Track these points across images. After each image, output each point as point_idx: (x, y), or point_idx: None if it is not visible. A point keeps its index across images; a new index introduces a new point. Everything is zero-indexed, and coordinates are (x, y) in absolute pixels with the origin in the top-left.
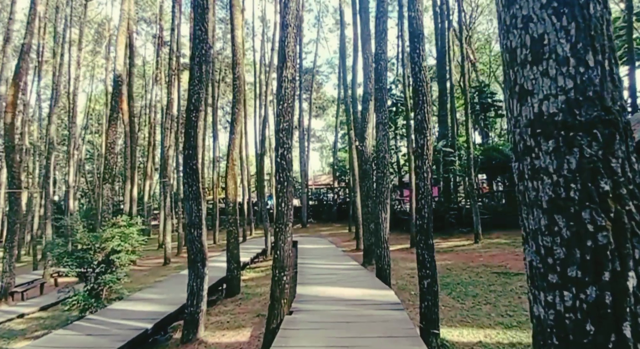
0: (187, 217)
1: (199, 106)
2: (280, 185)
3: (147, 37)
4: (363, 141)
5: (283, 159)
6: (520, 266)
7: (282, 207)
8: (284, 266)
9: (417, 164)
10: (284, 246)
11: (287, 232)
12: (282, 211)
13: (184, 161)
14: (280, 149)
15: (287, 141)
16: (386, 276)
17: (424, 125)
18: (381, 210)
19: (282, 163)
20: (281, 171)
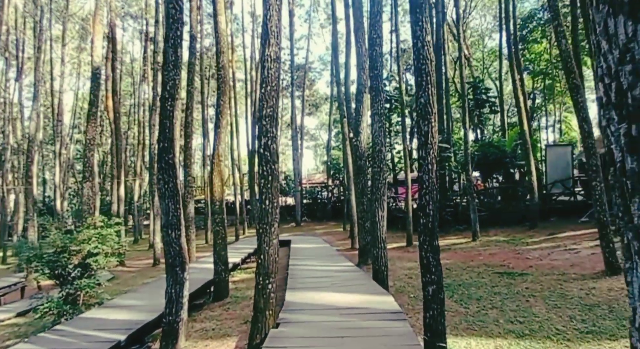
0: (164, 217)
1: (174, 93)
2: (264, 180)
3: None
4: (358, 135)
5: (267, 150)
6: (523, 265)
7: (267, 205)
8: (269, 272)
9: (421, 155)
10: (269, 250)
11: (272, 233)
12: (267, 210)
13: (159, 154)
14: (263, 138)
15: (271, 130)
16: (383, 278)
17: (428, 109)
18: (378, 207)
19: (265, 154)
20: (264, 163)
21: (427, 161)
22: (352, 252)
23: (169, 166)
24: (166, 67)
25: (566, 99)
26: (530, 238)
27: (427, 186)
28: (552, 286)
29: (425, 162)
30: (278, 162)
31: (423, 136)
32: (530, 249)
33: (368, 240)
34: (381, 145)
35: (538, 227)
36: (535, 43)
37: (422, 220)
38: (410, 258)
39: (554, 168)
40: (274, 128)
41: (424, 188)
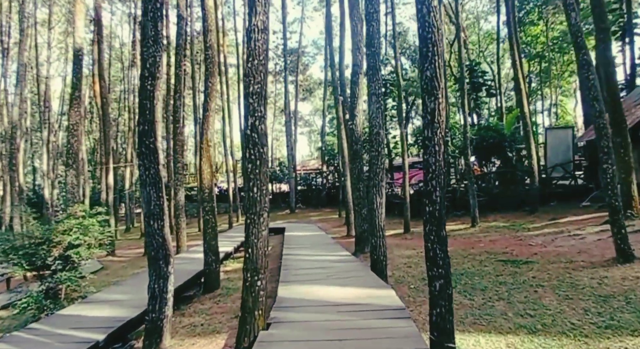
0: (145, 206)
1: (155, 71)
2: (251, 164)
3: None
4: (353, 118)
5: (254, 131)
6: (527, 252)
7: (255, 192)
8: (258, 267)
9: (426, 135)
10: (258, 242)
11: (261, 224)
12: (255, 198)
13: (139, 138)
14: (250, 118)
15: (258, 108)
16: (382, 268)
17: (434, 83)
18: (376, 194)
19: (252, 136)
20: (252, 146)
21: (433, 142)
22: (348, 240)
23: (150, 150)
24: (145, 42)
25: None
26: (531, 224)
27: (433, 170)
28: (561, 274)
29: (431, 144)
30: (267, 145)
31: (429, 114)
32: (532, 235)
33: (365, 228)
34: (379, 127)
35: (538, 212)
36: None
37: (428, 208)
38: (409, 246)
39: (554, 151)
40: (262, 107)
41: (430, 172)
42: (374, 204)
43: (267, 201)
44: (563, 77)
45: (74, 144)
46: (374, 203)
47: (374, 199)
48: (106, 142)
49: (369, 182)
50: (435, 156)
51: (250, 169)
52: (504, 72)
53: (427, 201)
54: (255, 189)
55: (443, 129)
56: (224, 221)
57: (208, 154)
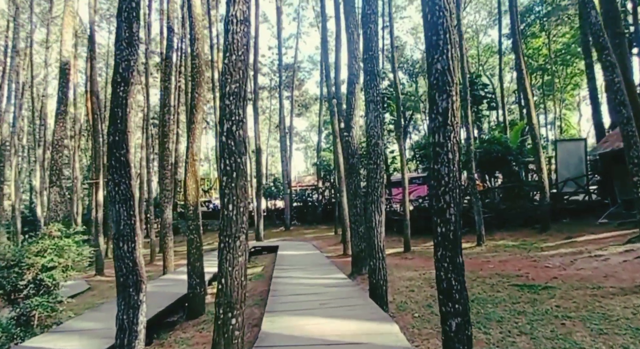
0: (114, 226)
1: (128, 77)
2: (226, 177)
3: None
4: (349, 130)
5: (230, 137)
6: (545, 275)
7: (230, 210)
8: (233, 302)
9: (437, 140)
10: (233, 271)
11: (237, 249)
12: (230, 217)
13: (109, 150)
14: (226, 122)
15: (236, 111)
16: (382, 294)
17: (446, 78)
18: (374, 211)
19: (228, 144)
20: (227, 155)
21: (446, 148)
22: (344, 260)
23: (121, 163)
24: (118, 45)
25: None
26: (543, 242)
27: (446, 182)
28: (588, 303)
29: (443, 150)
30: (246, 154)
31: (440, 114)
32: (546, 255)
33: (362, 247)
34: (377, 137)
35: (550, 230)
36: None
37: (440, 228)
38: (410, 266)
39: (565, 165)
40: (240, 109)
41: (443, 185)
42: (373, 222)
43: (244, 221)
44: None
45: (57, 160)
46: (373, 221)
47: (372, 217)
48: (97, 158)
49: (367, 198)
50: (449, 165)
51: (225, 182)
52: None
53: (438, 220)
54: (230, 206)
55: (458, 132)
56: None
57: (194, 169)
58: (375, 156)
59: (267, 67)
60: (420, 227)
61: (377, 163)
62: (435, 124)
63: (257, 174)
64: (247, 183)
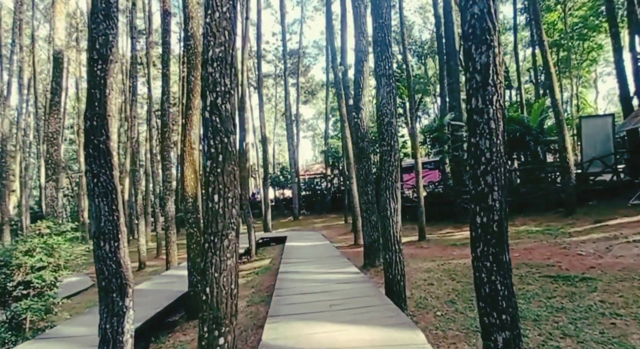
0: (94, 222)
1: (107, 54)
2: (211, 161)
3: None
4: (358, 111)
5: (215, 113)
6: (580, 265)
7: (215, 202)
8: (221, 317)
9: (475, 106)
10: (220, 278)
11: (225, 249)
12: (216, 210)
13: (85, 136)
14: (209, 94)
15: (221, 80)
16: (400, 291)
17: (485, 24)
18: (389, 198)
19: (212, 120)
20: (212, 134)
21: (487, 115)
22: (355, 250)
23: (100, 152)
24: (94, 18)
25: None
26: (571, 227)
27: (488, 158)
28: (638, 297)
29: (483, 119)
30: (235, 133)
31: (478, 72)
32: (576, 241)
33: (375, 237)
34: (391, 116)
35: (577, 214)
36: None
37: (481, 218)
38: (426, 256)
39: (590, 143)
40: (226, 78)
41: (484, 163)
42: (387, 210)
43: (234, 215)
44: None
45: (53, 153)
46: (387, 209)
47: (386, 205)
48: None
49: (380, 184)
50: (491, 137)
51: (209, 167)
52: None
53: (477, 207)
54: (216, 197)
55: (502, 95)
56: None
57: (192, 158)
58: (389, 136)
59: (271, 54)
60: (434, 214)
61: (390, 145)
62: (472, 84)
63: (264, 163)
64: (236, 168)
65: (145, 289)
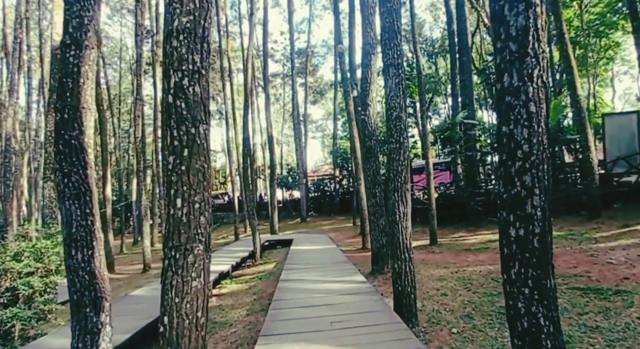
0: (65, 228)
1: (82, 38)
2: (174, 157)
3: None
4: (366, 108)
5: (180, 96)
6: (612, 275)
7: (179, 207)
8: None
9: (509, 84)
10: (182, 305)
11: (188, 267)
12: (178, 218)
13: (55, 131)
14: (173, 74)
15: (189, 57)
16: (410, 305)
17: None
18: (398, 201)
19: (177, 106)
20: (176, 123)
21: (525, 95)
22: (363, 254)
23: (71, 148)
24: None
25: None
26: (596, 232)
27: (527, 152)
28: None
29: (519, 100)
30: (208, 123)
31: (512, 39)
32: (604, 248)
33: (383, 242)
34: (400, 109)
35: (601, 217)
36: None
37: (516, 229)
38: (438, 262)
39: (614, 142)
40: (195, 55)
41: (520, 158)
42: (396, 214)
43: (203, 223)
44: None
45: (52, 152)
46: (396, 213)
47: (395, 208)
48: (103, 152)
49: (389, 185)
50: (530, 125)
51: (171, 164)
52: None
53: (511, 215)
54: (179, 201)
55: (545, 68)
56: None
57: None
58: (398, 132)
59: (279, 54)
60: (446, 217)
61: (399, 142)
62: (504, 56)
63: (271, 164)
64: (206, 166)
65: (140, 295)
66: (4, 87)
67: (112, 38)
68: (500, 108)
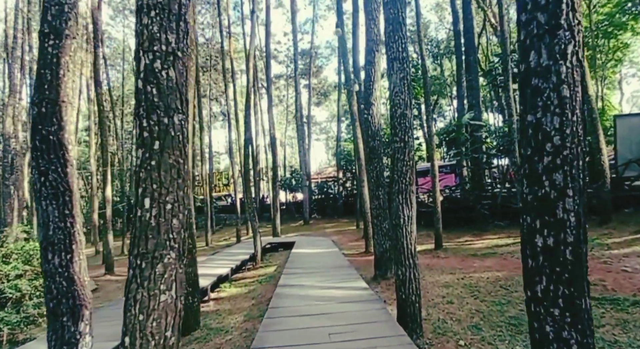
0: (41, 231)
1: (62, 27)
2: (143, 150)
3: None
4: (369, 107)
5: (151, 81)
6: (628, 284)
7: (147, 208)
8: None
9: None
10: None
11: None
12: (146, 221)
13: (33, 125)
14: (144, 56)
15: (161, 36)
16: (414, 314)
17: None
18: (402, 204)
19: (148, 92)
20: (146, 111)
21: (557, 77)
22: (365, 258)
23: (49, 145)
24: None
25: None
26: (608, 238)
27: (558, 146)
28: None
29: (550, 83)
30: (185, 113)
31: (542, 9)
32: (617, 254)
33: (386, 246)
34: (404, 106)
35: (613, 222)
36: None
37: (543, 238)
38: (444, 268)
39: (626, 144)
40: (170, 35)
41: (550, 152)
42: (400, 218)
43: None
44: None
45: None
46: (400, 217)
47: (399, 211)
48: (104, 152)
49: (392, 186)
50: (563, 112)
51: (140, 159)
52: None
53: (537, 222)
54: (147, 201)
55: (580, 44)
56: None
57: None
58: (402, 131)
59: (283, 55)
60: (451, 220)
61: (404, 140)
62: (530, 30)
63: (273, 166)
64: (181, 161)
65: None
66: (6, 87)
67: (115, 39)
68: (525, 93)
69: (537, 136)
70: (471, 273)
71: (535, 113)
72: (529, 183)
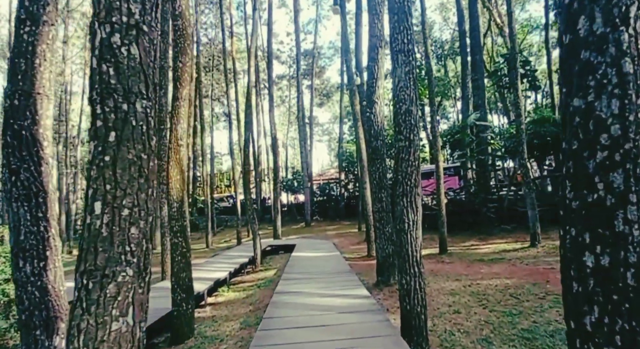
0: (12, 235)
1: (39, 13)
2: (96, 142)
3: None
4: (372, 105)
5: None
6: None
7: (97, 213)
8: None
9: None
10: None
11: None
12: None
13: (4, 120)
14: (100, 29)
15: (124, 6)
16: (420, 327)
17: None
18: (406, 207)
19: (103, 72)
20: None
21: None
22: (368, 263)
23: (21, 141)
24: None
25: None
26: None
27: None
28: None
29: (605, 57)
30: (150, 98)
31: None
32: None
33: (389, 251)
34: (410, 102)
35: None
36: None
37: (595, 257)
38: (449, 274)
39: None
40: (133, 4)
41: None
42: (405, 222)
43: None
44: None
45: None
46: (405, 221)
47: (403, 215)
48: None
49: (396, 189)
50: (625, 94)
51: (92, 153)
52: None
53: (583, 234)
54: (97, 205)
55: None
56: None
57: (178, 157)
58: (408, 128)
59: (285, 55)
60: (456, 224)
61: (410, 139)
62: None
63: (275, 167)
64: (145, 157)
65: None
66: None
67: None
68: (570, 72)
69: (588, 126)
70: (478, 280)
71: (584, 96)
72: (574, 186)
